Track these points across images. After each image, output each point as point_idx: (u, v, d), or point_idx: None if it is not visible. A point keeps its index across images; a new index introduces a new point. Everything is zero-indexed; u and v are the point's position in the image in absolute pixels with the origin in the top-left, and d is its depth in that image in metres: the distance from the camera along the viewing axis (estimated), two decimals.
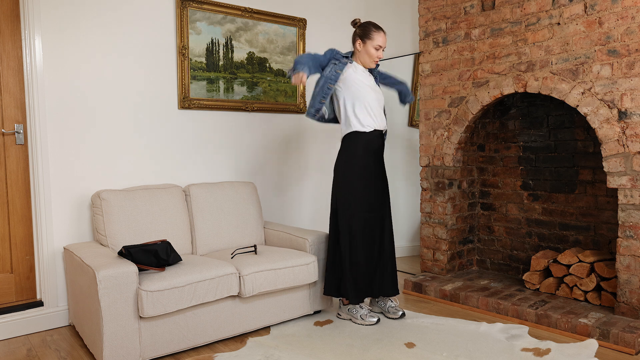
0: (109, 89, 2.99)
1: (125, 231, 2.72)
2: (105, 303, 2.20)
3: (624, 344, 2.44)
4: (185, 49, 3.24)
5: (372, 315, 2.80)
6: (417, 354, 2.40)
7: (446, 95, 3.45)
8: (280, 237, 3.12)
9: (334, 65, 2.79)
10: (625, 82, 2.60)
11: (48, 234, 2.81)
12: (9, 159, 2.79)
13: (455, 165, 3.45)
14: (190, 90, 3.29)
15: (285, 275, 2.71)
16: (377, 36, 2.79)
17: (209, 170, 3.43)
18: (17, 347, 2.58)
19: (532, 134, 3.42)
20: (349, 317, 2.85)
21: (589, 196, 3.16)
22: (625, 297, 2.64)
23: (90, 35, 2.91)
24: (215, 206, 3.06)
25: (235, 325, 2.62)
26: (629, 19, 2.58)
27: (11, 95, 2.77)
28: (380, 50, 2.82)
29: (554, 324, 2.70)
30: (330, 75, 2.78)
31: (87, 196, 2.94)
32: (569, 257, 2.98)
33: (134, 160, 3.10)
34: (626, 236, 2.63)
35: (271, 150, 3.74)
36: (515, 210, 3.53)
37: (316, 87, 2.81)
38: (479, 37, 3.23)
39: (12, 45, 2.76)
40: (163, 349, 2.39)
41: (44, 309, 2.82)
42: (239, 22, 3.50)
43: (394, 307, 2.90)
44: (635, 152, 2.58)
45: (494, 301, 2.98)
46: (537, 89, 2.95)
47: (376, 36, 2.79)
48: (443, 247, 3.52)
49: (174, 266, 2.50)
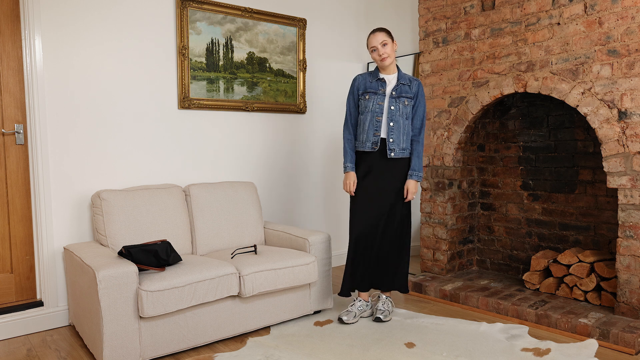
0: (109, 89, 2.99)
1: (125, 231, 2.72)
2: (105, 303, 2.20)
3: (624, 344, 2.44)
4: (185, 49, 3.24)
5: (350, 314, 2.84)
6: (417, 354, 2.40)
7: (446, 95, 3.45)
8: (280, 237, 3.12)
9: (369, 95, 2.84)
10: (625, 82, 2.60)
11: (48, 234, 2.81)
12: (9, 159, 2.79)
13: (455, 165, 3.45)
14: (190, 90, 3.29)
15: (285, 275, 2.71)
16: (370, 39, 2.81)
17: (209, 170, 3.43)
18: (17, 347, 2.58)
19: (532, 134, 3.42)
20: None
21: (589, 196, 3.16)
22: (625, 297, 2.64)
23: (90, 35, 2.91)
24: (215, 206, 3.06)
25: (235, 325, 2.62)
26: (629, 19, 2.58)
27: (11, 95, 2.77)
28: (377, 52, 2.79)
29: (554, 324, 2.70)
30: (373, 107, 2.82)
31: (87, 196, 2.94)
32: (569, 257, 2.98)
33: (134, 160, 3.10)
34: (626, 236, 2.63)
35: (271, 150, 3.74)
36: (515, 210, 3.53)
37: (364, 124, 2.85)
38: (479, 37, 3.23)
39: (12, 45, 2.76)
40: (163, 349, 2.39)
41: (44, 309, 2.82)
42: (239, 22, 3.50)
43: (380, 310, 2.89)
44: (635, 152, 2.58)
45: (494, 301, 2.98)
46: (537, 89, 2.95)
47: (369, 39, 2.81)
48: (443, 247, 3.52)
49: (174, 266, 2.50)
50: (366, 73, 2.91)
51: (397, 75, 2.85)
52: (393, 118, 2.79)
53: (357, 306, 2.88)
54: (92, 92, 2.94)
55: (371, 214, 2.82)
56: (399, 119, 2.79)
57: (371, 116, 2.81)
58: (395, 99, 2.79)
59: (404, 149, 2.82)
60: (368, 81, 2.86)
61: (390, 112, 2.80)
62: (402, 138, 2.80)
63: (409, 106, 2.82)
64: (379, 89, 2.82)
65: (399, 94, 2.80)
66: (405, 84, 2.82)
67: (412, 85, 2.84)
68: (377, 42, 2.77)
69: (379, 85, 2.82)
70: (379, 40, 2.77)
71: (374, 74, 2.86)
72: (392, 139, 2.79)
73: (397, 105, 2.80)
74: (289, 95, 3.81)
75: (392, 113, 2.79)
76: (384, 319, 2.84)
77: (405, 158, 2.84)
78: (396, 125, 2.79)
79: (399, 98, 2.80)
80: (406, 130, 2.81)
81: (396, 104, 2.80)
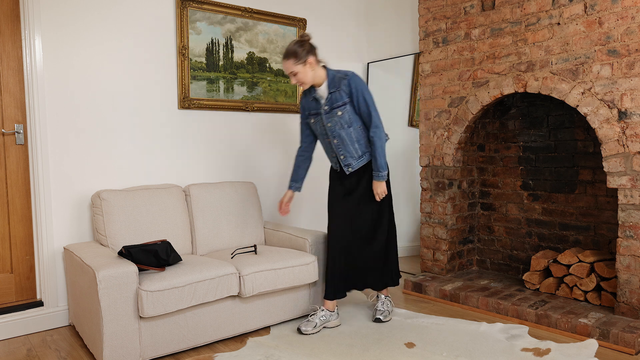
0: (109, 88, 2.99)
1: (125, 231, 2.72)
2: (105, 303, 2.20)
3: (624, 344, 2.44)
4: (185, 49, 3.24)
5: (310, 324, 2.70)
6: (417, 354, 2.40)
7: (446, 95, 3.45)
8: (280, 237, 3.12)
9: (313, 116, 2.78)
10: (625, 82, 2.60)
11: (48, 234, 2.81)
12: (9, 159, 2.79)
13: (455, 165, 3.45)
14: (190, 90, 3.29)
15: (285, 275, 2.71)
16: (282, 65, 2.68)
17: (209, 170, 3.43)
18: (17, 347, 2.58)
19: (532, 134, 3.42)
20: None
21: (589, 196, 3.16)
22: (625, 297, 2.64)
23: (90, 35, 2.91)
24: (215, 206, 3.06)
25: (235, 325, 2.62)
26: (629, 19, 2.58)
27: (11, 95, 2.77)
28: (291, 77, 2.65)
29: (554, 324, 2.70)
30: (320, 130, 2.77)
31: (87, 196, 2.94)
32: (569, 257, 2.98)
33: (134, 160, 3.10)
34: (626, 236, 2.63)
35: (271, 150, 3.74)
36: (515, 210, 3.53)
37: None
38: (479, 37, 3.23)
39: (12, 45, 2.76)
40: (163, 349, 2.39)
41: (44, 309, 2.82)
42: (239, 22, 3.50)
43: (379, 310, 2.88)
44: (635, 152, 2.58)
45: (494, 301, 2.98)
46: (537, 89, 2.95)
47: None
48: (443, 247, 3.52)
49: (174, 266, 2.50)
50: (307, 90, 2.78)
51: (327, 83, 2.67)
52: (334, 135, 2.69)
53: (319, 316, 2.73)
54: (92, 92, 2.94)
55: (349, 229, 2.77)
56: (340, 132, 2.67)
57: (322, 139, 2.79)
58: (329, 115, 2.66)
59: (362, 155, 2.73)
60: (308, 101, 2.76)
61: (330, 130, 2.69)
62: (354, 148, 2.70)
63: (345, 113, 2.64)
64: (318, 108, 2.71)
65: (330, 106, 2.66)
66: (335, 90, 2.65)
67: (342, 86, 2.64)
68: (287, 72, 2.64)
69: (316, 105, 2.72)
70: (287, 70, 2.63)
71: (310, 92, 2.75)
72: (343, 155, 2.72)
73: (332, 120, 2.66)
74: (289, 95, 3.81)
75: (331, 130, 2.69)
76: (384, 319, 2.83)
77: (370, 162, 2.76)
78: (340, 141, 2.69)
79: (332, 111, 2.65)
80: (355, 136, 2.68)
81: (331, 119, 2.66)
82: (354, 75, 2.65)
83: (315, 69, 2.64)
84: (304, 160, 2.90)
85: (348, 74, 2.65)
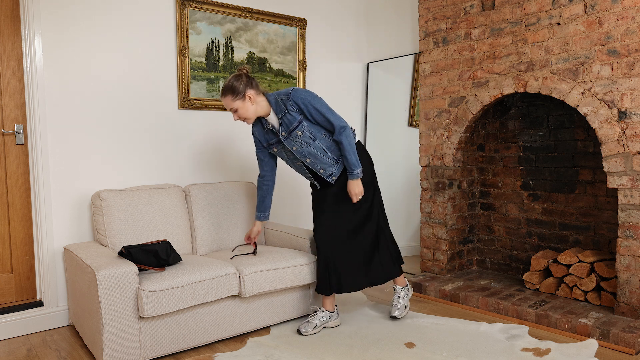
0: (109, 88, 2.99)
1: (125, 231, 2.72)
2: (105, 303, 2.20)
3: (624, 344, 2.44)
4: (185, 49, 3.24)
5: (309, 325, 2.69)
6: (417, 354, 2.40)
7: (446, 95, 3.45)
8: (280, 237, 3.12)
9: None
10: (625, 82, 2.60)
11: (48, 234, 2.81)
12: (9, 159, 2.79)
13: (455, 165, 3.45)
14: (190, 90, 3.29)
15: (285, 275, 2.71)
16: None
17: (209, 170, 3.43)
18: (17, 347, 2.58)
19: (532, 134, 3.42)
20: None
21: (589, 196, 3.16)
22: (625, 297, 2.64)
23: (90, 35, 2.91)
24: (215, 206, 3.06)
25: (235, 325, 2.62)
26: (629, 19, 2.58)
27: (11, 95, 2.77)
28: (233, 114, 2.58)
29: (554, 324, 2.70)
30: (286, 157, 2.73)
31: (87, 196, 2.94)
32: (569, 257, 2.98)
33: (134, 160, 3.10)
34: (626, 236, 2.63)
35: None
36: (515, 210, 3.53)
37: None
38: (479, 37, 3.24)
39: (12, 45, 2.76)
40: (163, 349, 2.39)
41: (44, 309, 2.82)
42: (239, 22, 3.50)
43: (395, 305, 2.89)
44: (635, 152, 2.58)
45: (494, 301, 2.98)
46: (537, 89, 2.95)
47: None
48: (443, 247, 3.52)
49: (174, 266, 2.50)
50: (256, 121, 2.70)
51: (273, 110, 2.58)
52: (304, 155, 2.61)
53: (319, 317, 2.71)
54: (92, 92, 2.94)
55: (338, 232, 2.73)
56: (308, 149, 2.59)
57: (292, 164, 2.74)
58: (290, 139, 2.58)
59: (338, 160, 2.67)
60: (262, 133, 2.68)
61: (299, 153, 2.62)
62: (327, 157, 2.64)
63: (305, 131, 2.56)
64: (276, 137, 2.64)
65: (287, 131, 2.57)
66: (285, 114, 2.56)
67: (289, 107, 2.55)
68: (227, 108, 2.57)
69: (273, 135, 2.64)
70: (227, 107, 2.56)
71: (261, 124, 2.67)
72: (322, 168, 2.66)
73: (295, 142, 2.58)
74: None
75: (300, 152, 2.61)
76: (399, 316, 2.82)
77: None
78: (312, 157, 2.62)
79: (291, 135, 2.57)
80: (324, 146, 2.62)
81: (294, 141, 2.58)
82: (295, 91, 2.57)
83: (257, 101, 2.56)
84: (268, 189, 2.81)
85: (289, 92, 2.57)
